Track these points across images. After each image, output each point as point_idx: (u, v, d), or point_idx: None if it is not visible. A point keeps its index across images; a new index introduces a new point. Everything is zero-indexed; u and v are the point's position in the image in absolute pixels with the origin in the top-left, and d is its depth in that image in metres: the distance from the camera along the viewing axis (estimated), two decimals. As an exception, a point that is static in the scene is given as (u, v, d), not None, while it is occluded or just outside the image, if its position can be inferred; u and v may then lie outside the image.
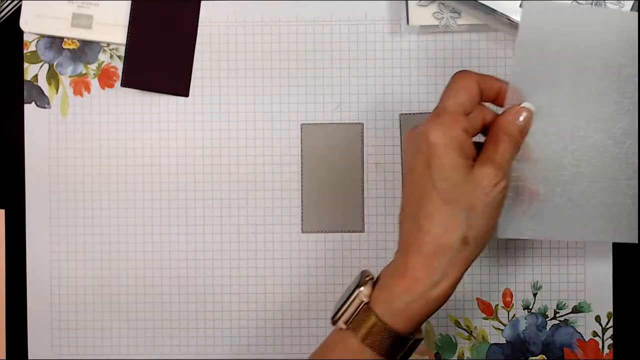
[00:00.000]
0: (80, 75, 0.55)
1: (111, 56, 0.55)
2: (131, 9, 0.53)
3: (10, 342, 0.55)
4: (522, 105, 0.43)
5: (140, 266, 0.55)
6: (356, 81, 0.54)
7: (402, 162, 0.54)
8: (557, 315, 0.54)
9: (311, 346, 0.54)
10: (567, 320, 0.54)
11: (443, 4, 0.52)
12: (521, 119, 0.42)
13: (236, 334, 0.55)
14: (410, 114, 0.54)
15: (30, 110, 0.55)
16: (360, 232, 0.54)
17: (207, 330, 0.55)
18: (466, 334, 0.54)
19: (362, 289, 0.41)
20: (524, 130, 0.43)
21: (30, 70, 0.55)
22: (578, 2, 0.50)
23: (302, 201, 0.54)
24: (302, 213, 0.54)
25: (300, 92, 0.54)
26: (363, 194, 0.54)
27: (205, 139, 0.55)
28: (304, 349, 0.55)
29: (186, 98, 0.55)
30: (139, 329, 0.55)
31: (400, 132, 0.54)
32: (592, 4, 0.50)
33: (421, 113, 0.54)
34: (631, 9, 0.50)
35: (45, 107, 0.55)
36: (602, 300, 0.54)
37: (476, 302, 0.54)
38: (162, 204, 0.55)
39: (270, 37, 0.54)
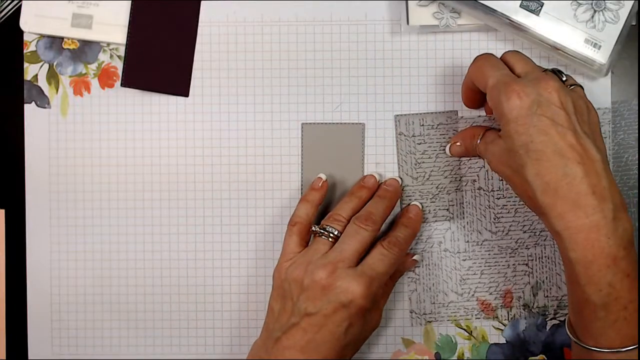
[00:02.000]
0: (80, 75, 0.55)
1: (111, 56, 0.55)
2: (131, 9, 0.53)
3: (10, 342, 0.55)
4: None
5: (140, 266, 0.55)
6: (356, 81, 0.54)
7: (399, 162, 0.54)
8: (557, 315, 0.54)
9: (311, 346, 0.54)
10: (567, 320, 0.54)
11: (443, 4, 0.52)
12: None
13: (236, 334, 0.55)
14: (404, 114, 0.54)
15: (30, 110, 0.55)
16: (360, 232, 0.54)
17: (207, 330, 0.55)
18: (466, 334, 0.54)
19: None
20: None
21: (30, 70, 0.55)
22: (578, 2, 0.50)
23: (302, 201, 0.54)
24: (302, 213, 0.54)
25: (300, 92, 0.54)
26: (363, 194, 0.54)
27: (205, 139, 0.55)
28: (304, 349, 0.54)
29: (186, 98, 0.55)
30: (139, 329, 0.55)
31: (396, 132, 0.54)
32: (591, 4, 0.50)
33: (417, 113, 0.54)
34: (631, 9, 0.50)
35: (45, 107, 0.55)
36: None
37: (476, 302, 0.54)
38: (162, 204, 0.55)
39: (270, 37, 0.54)
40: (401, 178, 0.53)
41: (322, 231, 0.49)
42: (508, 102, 0.43)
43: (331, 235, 0.49)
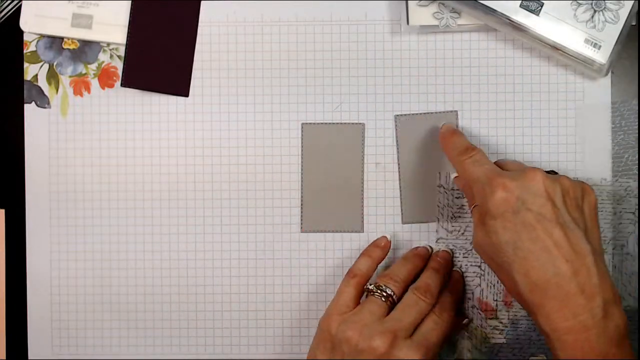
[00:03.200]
0: (80, 75, 0.55)
1: (111, 56, 0.55)
2: (131, 9, 0.53)
3: (10, 342, 0.55)
4: None
5: (140, 266, 0.55)
6: (356, 81, 0.54)
7: (399, 162, 0.54)
8: (557, 315, 0.54)
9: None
10: (567, 320, 0.54)
11: (443, 4, 0.52)
12: None
13: (236, 334, 0.55)
14: (405, 114, 0.54)
15: (30, 110, 0.55)
16: (360, 232, 0.54)
17: (207, 330, 0.55)
18: (466, 334, 0.54)
19: None
20: None
21: (30, 70, 0.55)
22: (578, 2, 0.50)
23: (301, 201, 0.54)
24: (301, 213, 0.54)
25: (300, 92, 0.54)
26: (363, 194, 0.54)
27: (205, 139, 0.55)
28: (304, 349, 0.55)
29: (186, 98, 0.55)
30: (139, 329, 0.55)
31: (396, 132, 0.54)
32: (591, 4, 0.50)
33: (417, 114, 0.54)
34: (631, 9, 0.50)
35: (45, 107, 0.55)
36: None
37: (476, 301, 0.54)
38: (162, 204, 0.55)
39: (270, 37, 0.54)
40: (452, 250, 0.54)
41: (376, 289, 0.49)
42: (493, 196, 0.43)
43: (384, 293, 0.49)
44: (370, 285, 0.50)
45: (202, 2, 0.54)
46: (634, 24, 0.51)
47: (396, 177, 0.54)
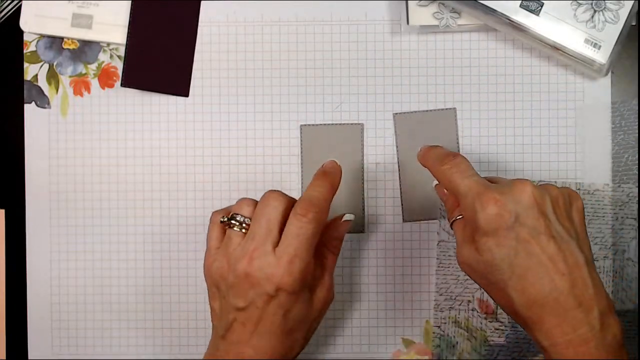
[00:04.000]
0: (80, 75, 0.55)
1: (111, 56, 0.55)
2: (131, 9, 0.53)
3: (10, 342, 0.55)
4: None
5: (140, 266, 0.55)
6: (356, 81, 0.54)
7: (399, 162, 0.54)
8: (557, 315, 0.54)
9: (310, 346, 0.54)
10: (567, 320, 0.54)
11: (443, 4, 0.52)
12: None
13: (236, 334, 0.55)
14: (403, 112, 0.54)
15: (30, 110, 0.55)
16: (361, 232, 0.54)
17: (206, 330, 0.55)
18: (466, 334, 0.54)
19: None
20: None
21: (30, 70, 0.55)
22: (578, 2, 0.50)
23: (302, 201, 0.54)
24: (302, 213, 0.54)
25: (300, 92, 0.54)
26: (363, 194, 0.54)
27: (205, 139, 0.55)
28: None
29: (186, 98, 0.55)
30: (139, 329, 0.55)
31: (395, 131, 0.54)
32: (591, 4, 0.50)
33: (415, 112, 0.54)
34: (631, 9, 0.50)
35: (45, 107, 0.55)
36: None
37: (476, 302, 0.54)
38: (162, 204, 0.55)
39: (270, 37, 0.54)
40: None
41: (229, 220, 0.45)
42: (484, 211, 0.40)
43: (236, 221, 0.45)
44: (223, 219, 0.46)
45: (202, 2, 0.54)
46: (634, 24, 0.51)
47: (396, 177, 0.54)
